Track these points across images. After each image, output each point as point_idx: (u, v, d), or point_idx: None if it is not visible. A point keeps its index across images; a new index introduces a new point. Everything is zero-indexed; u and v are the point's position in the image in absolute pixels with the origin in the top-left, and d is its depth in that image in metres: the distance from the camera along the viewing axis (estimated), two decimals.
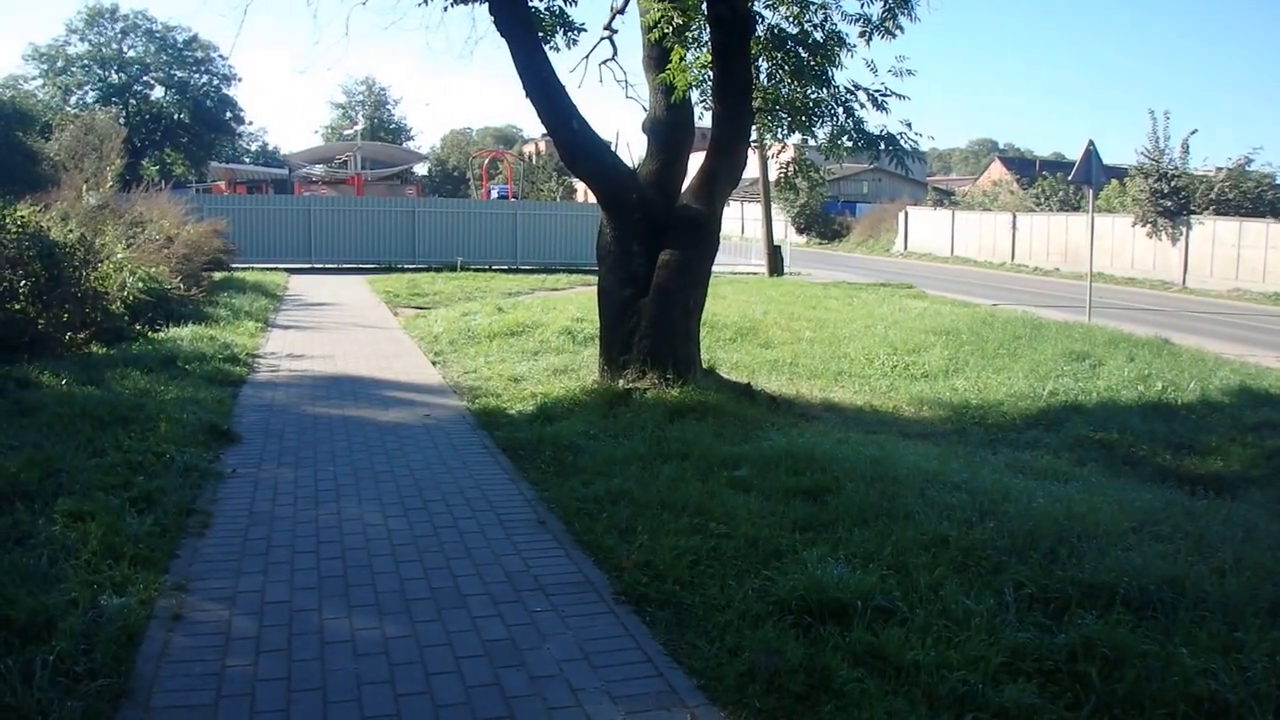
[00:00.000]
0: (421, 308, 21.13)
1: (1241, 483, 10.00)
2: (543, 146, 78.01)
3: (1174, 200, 35.69)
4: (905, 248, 53.18)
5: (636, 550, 6.02)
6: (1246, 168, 36.84)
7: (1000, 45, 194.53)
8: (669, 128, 11.81)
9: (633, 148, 56.27)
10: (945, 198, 65.13)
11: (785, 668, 4.48)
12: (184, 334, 14.07)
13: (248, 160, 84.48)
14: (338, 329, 17.45)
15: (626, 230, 11.37)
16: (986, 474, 8.16)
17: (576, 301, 19.87)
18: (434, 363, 14.12)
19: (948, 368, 15.44)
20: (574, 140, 11.48)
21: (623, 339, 11.13)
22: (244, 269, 26.31)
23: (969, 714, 4.12)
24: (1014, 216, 46.08)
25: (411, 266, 31.09)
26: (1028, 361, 15.83)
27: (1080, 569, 5.45)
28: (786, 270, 34.75)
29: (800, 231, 61.72)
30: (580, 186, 63.72)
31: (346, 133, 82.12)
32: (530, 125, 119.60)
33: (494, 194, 64.81)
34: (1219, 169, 36.99)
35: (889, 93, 11.28)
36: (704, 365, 11.93)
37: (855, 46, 11.32)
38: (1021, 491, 7.29)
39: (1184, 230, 35.49)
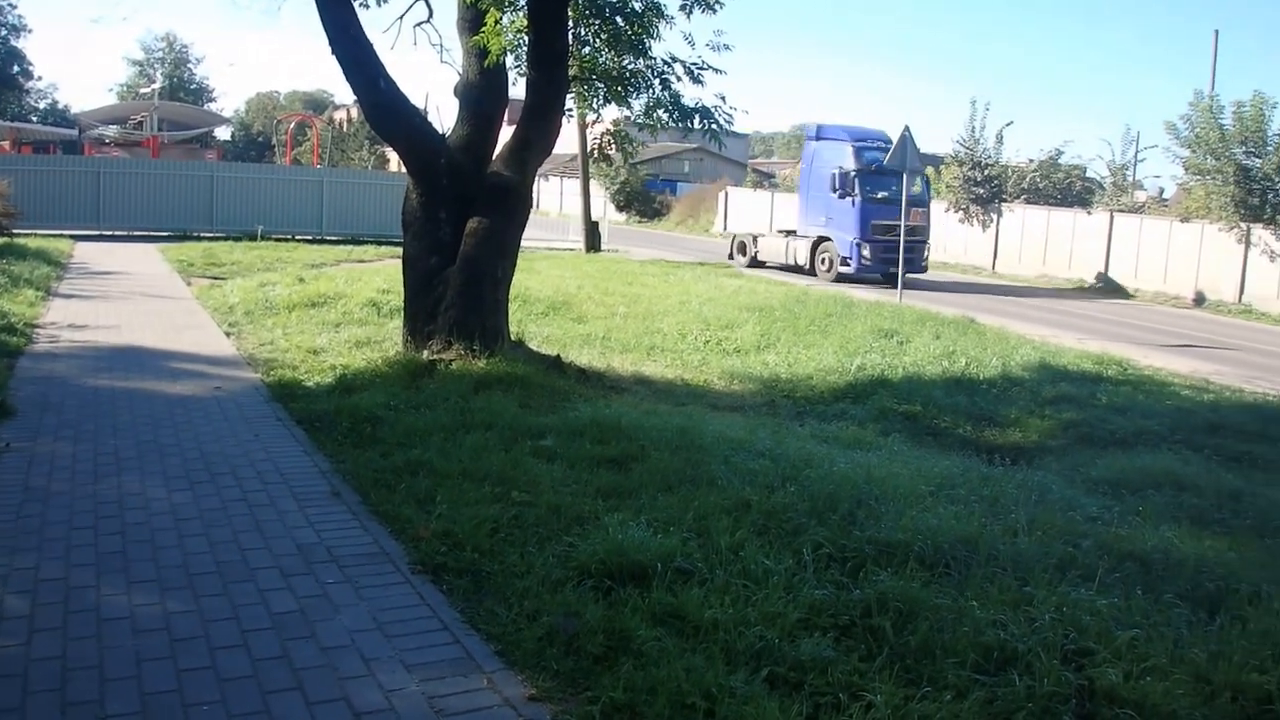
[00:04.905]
0: (217, 278, 20.09)
1: (1039, 452, 10.49)
2: (354, 113, 75.47)
3: (987, 188, 37.05)
4: (725, 228, 53.69)
5: (435, 520, 5.89)
6: (1057, 159, 38.57)
7: (824, 32, 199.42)
8: (482, 93, 11.55)
9: (443, 113, 54.70)
10: (766, 179, 66.25)
11: (584, 630, 4.48)
12: None
13: (35, 119, 79.04)
14: (125, 299, 16.46)
15: (434, 196, 11.10)
16: (791, 443, 8.34)
17: (384, 273, 19.31)
18: (228, 334, 13.49)
19: (760, 343, 15.72)
20: (381, 101, 11.14)
21: (428, 309, 10.86)
22: (26, 235, 24.54)
23: (766, 667, 4.21)
24: None
25: (209, 235, 29.43)
26: (838, 338, 16.23)
27: (877, 529, 5.66)
28: (605, 247, 34.73)
29: (620, 209, 61.82)
30: (394, 157, 62.13)
31: (143, 91, 77.73)
32: (341, 91, 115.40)
33: None
34: (1031, 160, 38.61)
35: (706, 66, 11.35)
36: (513, 338, 11.76)
37: (674, 19, 11.36)
38: (824, 458, 7.49)
39: (995, 218, 36.86)
